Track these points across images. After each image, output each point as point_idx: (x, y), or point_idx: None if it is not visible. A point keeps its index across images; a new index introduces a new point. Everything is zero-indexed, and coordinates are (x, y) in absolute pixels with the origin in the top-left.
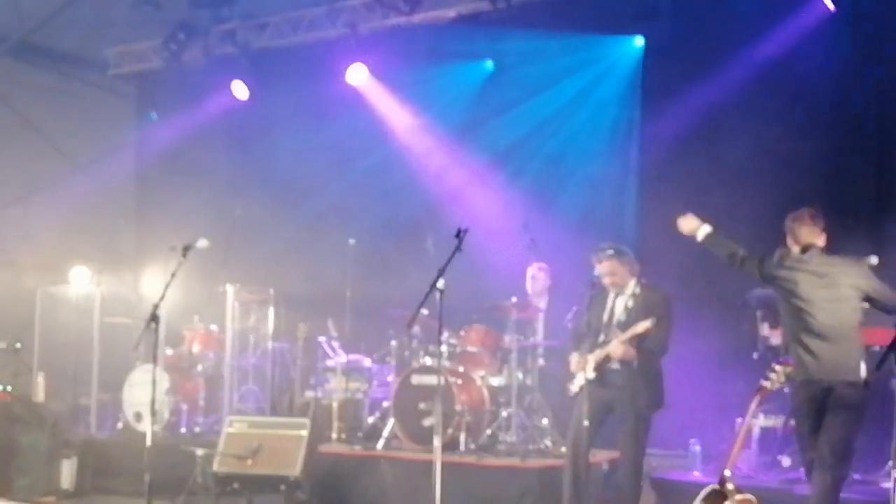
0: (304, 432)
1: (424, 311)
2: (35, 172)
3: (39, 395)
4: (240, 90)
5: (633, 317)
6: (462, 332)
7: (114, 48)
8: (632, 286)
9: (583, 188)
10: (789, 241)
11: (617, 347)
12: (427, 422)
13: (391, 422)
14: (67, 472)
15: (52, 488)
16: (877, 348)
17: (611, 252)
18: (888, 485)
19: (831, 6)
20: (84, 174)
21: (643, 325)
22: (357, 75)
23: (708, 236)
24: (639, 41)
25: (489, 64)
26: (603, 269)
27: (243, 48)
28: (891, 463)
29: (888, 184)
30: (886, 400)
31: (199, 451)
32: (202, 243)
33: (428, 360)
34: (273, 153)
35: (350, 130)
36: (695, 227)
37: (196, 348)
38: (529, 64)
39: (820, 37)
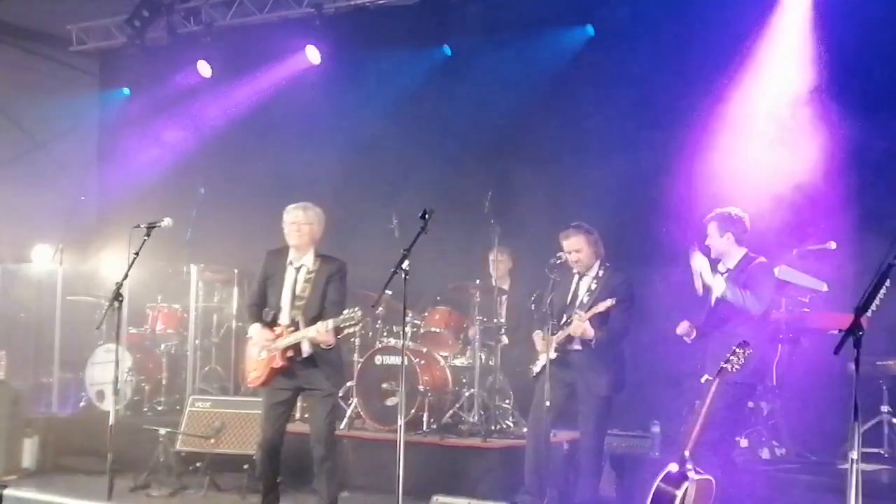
0: None
1: (389, 292)
2: None
3: (0, 374)
4: (206, 69)
5: (595, 298)
6: (426, 313)
7: (76, 24)
8: (595, 268)
9: (542, 172)
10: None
11: (577, 325)
12: (390, 402)
13: (354, 401)
14: (29, 450)
15: (14, 467)
16: (836, 332)
17: (579, 229)
18: (845, 466)
19: None
20: (46, 151)
21: (605, 304)
22: (313, 56)
23: None
24: (589, 30)
25: (446, 49)
26: (570, 245)
27: (207, 26)
28: (847, 445)
29: None
30: (844, 383)
31: (162, 431)
32: (166, 222)
33: (391, 341)
34: (236, 132)
35: (313, 109)
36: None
37: (159, 327)
38: (486, 50)
39: None
